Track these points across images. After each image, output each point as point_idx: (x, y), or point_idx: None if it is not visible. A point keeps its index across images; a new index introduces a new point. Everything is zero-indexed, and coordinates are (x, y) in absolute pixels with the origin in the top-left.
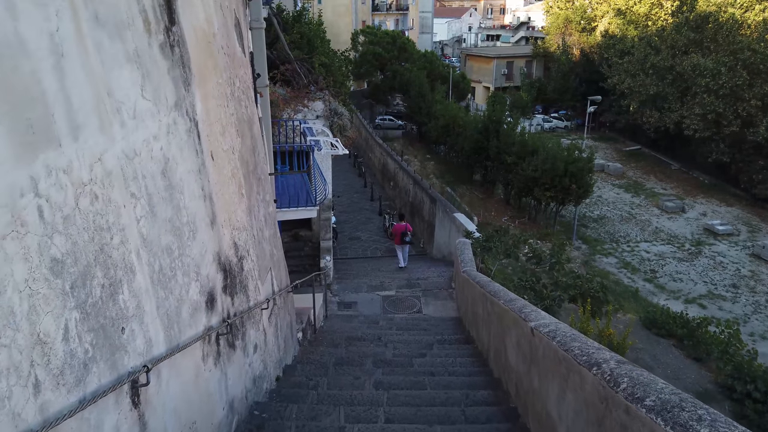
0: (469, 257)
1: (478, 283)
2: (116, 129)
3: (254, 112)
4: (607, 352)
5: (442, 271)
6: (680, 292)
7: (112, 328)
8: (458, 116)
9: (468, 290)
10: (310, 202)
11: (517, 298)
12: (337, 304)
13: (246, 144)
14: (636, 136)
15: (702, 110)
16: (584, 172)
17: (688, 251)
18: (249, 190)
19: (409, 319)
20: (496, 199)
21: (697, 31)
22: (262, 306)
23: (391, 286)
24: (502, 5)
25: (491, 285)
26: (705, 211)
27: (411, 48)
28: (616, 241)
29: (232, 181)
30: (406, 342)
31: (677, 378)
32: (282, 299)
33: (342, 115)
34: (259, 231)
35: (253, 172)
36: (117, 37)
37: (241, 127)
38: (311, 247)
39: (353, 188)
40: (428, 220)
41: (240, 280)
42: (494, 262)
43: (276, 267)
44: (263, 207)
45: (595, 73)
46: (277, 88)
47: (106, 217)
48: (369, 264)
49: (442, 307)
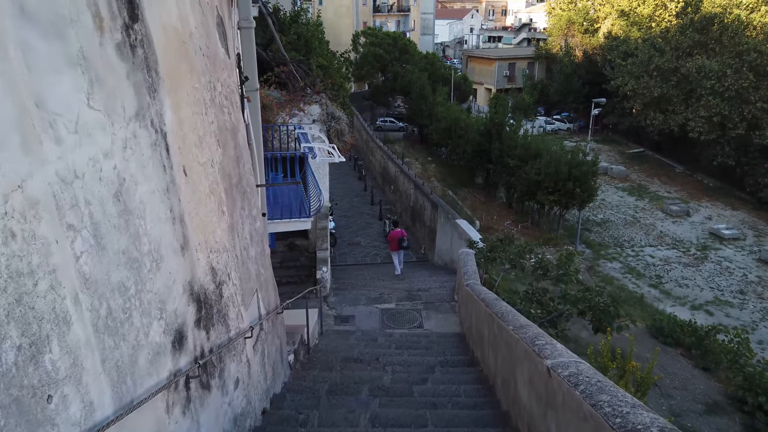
0: (473, 269)
1: (483, 300)
2: (48, 147)
3: (239, 119)
4: (644, 411)
5: (444, 281)
6: (686, 298)
7: (32, 399)
8: (460, 118)
9: (472, 306)
10: (304, 213)
11: (529, 324)
12: (333, 317)
13: (229, 155)
14: (639, 138)
15: (707, 112)
16: (588, 176)
17: (694, 256)
18: (232, 205)
19: (410, 336)
20: (498, 203)
21: (702, 32)
22: (245, 335)
23: (390, 298)
24: (503, 7)
25: (498, 305)
26: (710, 214)
27: (412, 49)
28: (620, 245)
29: (210, 198)
30: (406, 364)
31: (685, 389)
32: (270, 323)
33: (339, 119)
34: (244, 250)
35: (237, 185)
36: (54, 36)
37: (223, 136)
38: (307, 258)
39: (353, 192)
40: (429, 225)
41: (218, 309)
42: (498, 273)
43: (263, 288)
44: (249, 223)
45: (598, 75)
46: (271, 92)
47: (28, 258)
48: (368, 271)
49: (444, 321)
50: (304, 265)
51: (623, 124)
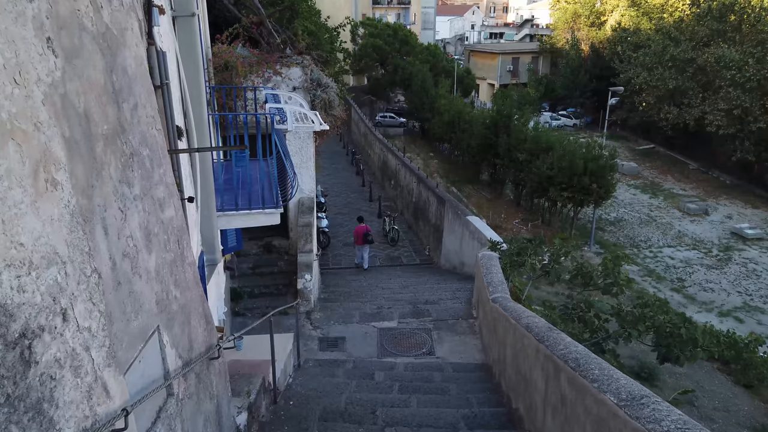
0: (499, 279)
1: (527, 328)
2: None
3: (129, 28)
4: None
5: (455, 290)
6: (712, 303)
7: None
8: (464, 111)
9: (505, 332)
10: (270, 203)
11: (628, 380)
12: (318, 341)
13: (88, 76)
14: (649, 134)
15: (726, 105)
16: (606, 170)
17: (717, 257)
18: (86, 171)
19: (418, 367)
20: (505, 200)
21: (721, 20)
22: (112, 423)
23: (391, 314)
24: (505, 4)
25: (561, 342)
26: (730, 213)
27: (413, 41)
28: (636, 246)
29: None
30: (416, 423)
31: (727, 410)
32: (196, 378)
33: (328, 87)
34: (123, 260)
35: (110, 138)
36: None
37: (71, 36)
38: (288, 261)
39: (350, 187)
40: (435, 223)
41: (19, 396)
42: (526, 281)
43: (181, 320)
44: (145, 209)
45: (605, 68)
46: (236, 47)
47: None
48: (365, 277)
49: (461, 345)
50: (283, 272)
51: (632, 120)
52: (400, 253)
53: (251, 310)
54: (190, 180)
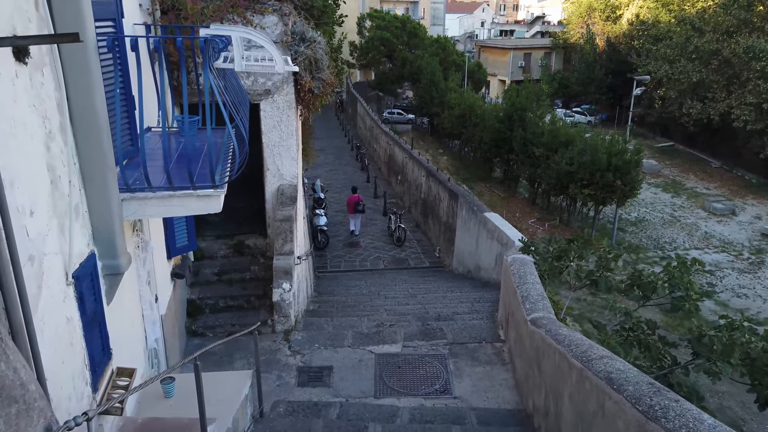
0: (538, 292)
1: (610, 382)
2: None
3: None
4: None
5: (474, 300)
6: (748, 310)
7: None
8: (475, 105)
9: (556, 371)
10: (205, 180)
11: None
12: (297, 371)
13: None
14: (668, 131)
15: (755, 98)
16: (631, 166)
17: (749, 261)
18: None
19: (429, 416)
20: (519, 199)
21: (748, 9)
22: None
23: (394, 334)
24: (515, 1)
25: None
26: (759, 213)
27: (422, 33)
28: (660, 247)
29: None
30: None
31: None
32: None
33: (314, 41)
34: None
35: None
36: None
37: None
38: (264, 266)
39: (354, 183)
40: (446, 221)
41: None
42: (561, 291)
43: None
44: None
45: (622, 63)
46: None
47: None
48: (366, 282)
49: (485, 378)
50: (257, 278)
51: (651, 116)
52: (407, 254)
53: (212, 328)
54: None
